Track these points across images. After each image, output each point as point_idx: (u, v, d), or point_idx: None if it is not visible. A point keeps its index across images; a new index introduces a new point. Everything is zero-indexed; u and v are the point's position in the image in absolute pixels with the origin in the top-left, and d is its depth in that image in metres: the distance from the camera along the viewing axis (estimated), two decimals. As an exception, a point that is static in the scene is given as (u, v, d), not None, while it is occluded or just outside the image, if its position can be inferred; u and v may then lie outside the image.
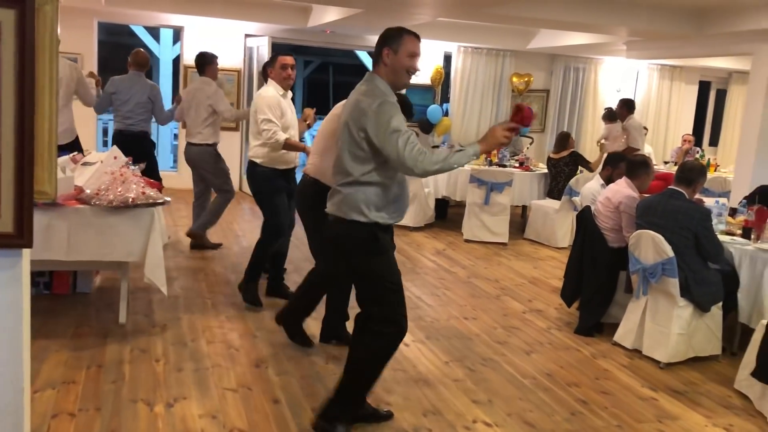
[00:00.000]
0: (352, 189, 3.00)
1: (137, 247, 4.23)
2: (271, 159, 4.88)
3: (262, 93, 4.87)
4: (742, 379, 4.06)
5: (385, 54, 3.01)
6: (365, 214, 2.99)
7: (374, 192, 3.00)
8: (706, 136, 13.00)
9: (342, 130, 3.05)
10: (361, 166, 2.98)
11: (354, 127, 2.97)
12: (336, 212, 3.07)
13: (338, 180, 3.08)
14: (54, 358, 3.85)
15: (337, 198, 3.06)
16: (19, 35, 2.01)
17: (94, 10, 9.24)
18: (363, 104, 2.95)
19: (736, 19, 7.39)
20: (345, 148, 3.02)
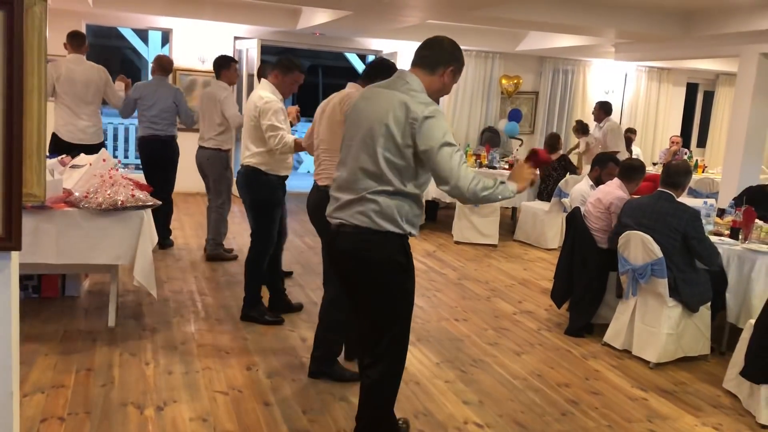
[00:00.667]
0: (390, 199, 2.71)
1: (127, 250, 4.21)
2: (276, 165, 4.59)
3: (264, 96, 4.49)
4: (730, 379, 4.09)
5: (449, 71, 2.80)
6: (400, 226, 2.74)
7: (410, 203, 2.76)
8: (694, 137, 13.10)
9: (377, 130, 2.69)
10: (400, 175, 2.70)
11: (398, 132, 2.65)
12: (363, 223, 2.73)
13: (368, 187, 2.72)
14: (43, 362, 3.82)
15: (368, 207, 2.72)
16: (7, 36, 2.00)
17: (82, 12, 9.20)
18: (413, 107, 2.64)
19: (723, 21, 7.46)
20: (381, 154, 2.68)
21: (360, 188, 2.73)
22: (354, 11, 7.54)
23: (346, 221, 2.77)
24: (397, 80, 2.79)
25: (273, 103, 4.45)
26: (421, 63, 2.81)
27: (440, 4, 7.01)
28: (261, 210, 4.62)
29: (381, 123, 2.68)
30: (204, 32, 9.92)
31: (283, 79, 4.58)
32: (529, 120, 11.65)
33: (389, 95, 2.72)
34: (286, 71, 4.58)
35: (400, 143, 2.65)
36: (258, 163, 4.55)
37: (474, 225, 7.92)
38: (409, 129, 2.63)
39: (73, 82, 6.09)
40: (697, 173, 10.13)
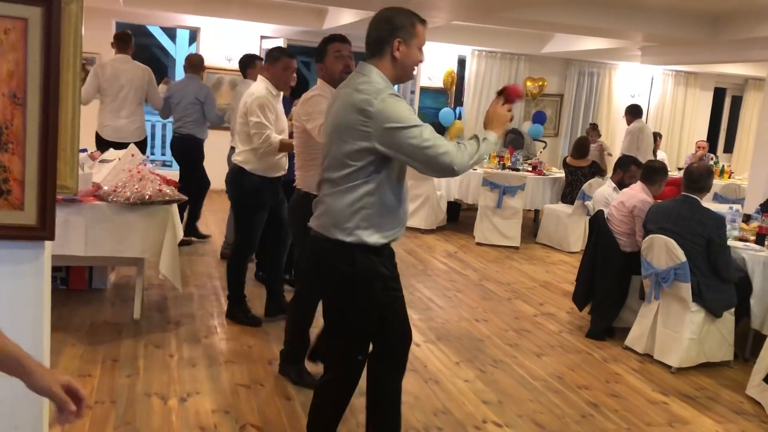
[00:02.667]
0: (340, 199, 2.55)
1: (153, 244, 4.28)
2: (262, 165, 4.38)
3: (254, 92, 4.30)
4: (754, 385, 4.06)
5: (396, 45, 2.47)
6: (351, 232, 2.53)
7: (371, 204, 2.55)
8: (721, 142, 12.95)
9: (334, 135, 2.52)
10: (353, 176, 2.52)
11: (350, 136, 2.47)
12: (318, 228, 2.59)
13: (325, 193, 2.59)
14: (70, 352, 3.91)
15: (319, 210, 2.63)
16: (45, 32, 2.06)
17: (113, 11, 9.34)
18: (362, 104, 2.41)
19: (752, 25, 7.37)
20: (339, 158, 2.52)
21: (322, 193, 2.60)
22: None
23: (313, 228, 2.61)
24: (354, 75, 2.56)
25: (261, 99, 4.24)
26: (368, 52, 2.54)
27: (465, 5, 7.02)
28: (242, 210, 4.51)
29: (336, 127, 2.49)
30: (231, 31, 10.01)
31: (272, 70, 4.34)
32: (553, 122, 11.60)
33: (344, 95, 2.51)
34: (273, 60, 4.34)
35: (354, 142, 2.43)
36: (243, 161, 4.40)
37: (496, 227, 7.91)
38: (360, 131, 2.40)
39: (116, 81, 6.22)
40: (723, 179, 10.01)
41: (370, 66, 2.50)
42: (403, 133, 2.35)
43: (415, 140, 2.35)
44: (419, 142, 2.36)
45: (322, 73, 3.64)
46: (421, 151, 2.36)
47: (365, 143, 2.39)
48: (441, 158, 2.37)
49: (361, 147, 2.40)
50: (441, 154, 2.36)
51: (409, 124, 2.36)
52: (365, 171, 2.44)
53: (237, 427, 3.25)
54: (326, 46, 3.59)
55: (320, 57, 3.63)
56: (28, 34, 2.05)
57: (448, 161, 2.37)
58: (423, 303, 5.49)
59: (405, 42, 2.48)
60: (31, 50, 2.06)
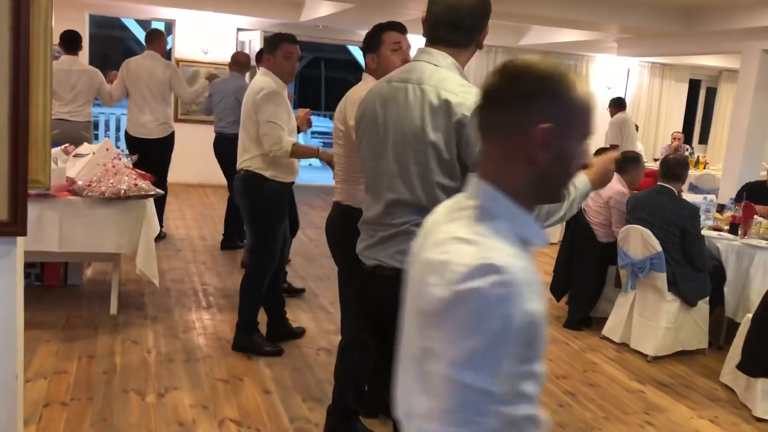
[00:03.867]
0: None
1: (129, 239, 4.25)
2: (281, 170, 3.84)
3: (262, 86, 3.75)
4: (727, 372, 4.12)
5: (483, 34, 2.08)
6: None
7: None
8: (696, 133, 13.10)
9: (409, 144, 1.98)
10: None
11: (442, 141, 1.93)
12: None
13: (410, 220, 1.99)
14: (45, 349, 3.86)
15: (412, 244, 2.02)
16: (14, 25, 2.02)
17: (86, 3, 9.20)
18: (453, 99, 1.92)
19: (726, 18, 7.46)
20: (422, 176, 1.98)
21: (398, 221, 2.02)
22: (357, 3, 7.55)
23: (384, 263, 2.05)
24: (419, 65, 2.02)
25: (272, 95, 3.71)
26: (446, 36, 2.01)
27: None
28: (262, 223, 3.91)
29: (413, 133, 1.96)
30: (207, 23, 9.92)
31: (274, 58, 3.84)
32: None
33: (415, 91, 1.97)
34: (273, 48, 3.84)
35: (446, 158, 1.92)
36: (260, 167, 3.81)
37: (475, 218, 7.92)
38: (454, 134, 1.91)
39: (139, 78, 6.18)
40: (698, 169, 10.14)
41: (442, 53, 2.01)
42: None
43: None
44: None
45: (375, 66, 3.05)
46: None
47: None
48: None
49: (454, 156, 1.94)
50: None
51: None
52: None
53: (216, 421, 3.24)
54: (382, 34, 3.02)
55: (372, 46, 3.04)
56: (-4, 26, 2.01)
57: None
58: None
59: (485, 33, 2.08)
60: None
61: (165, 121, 6.35)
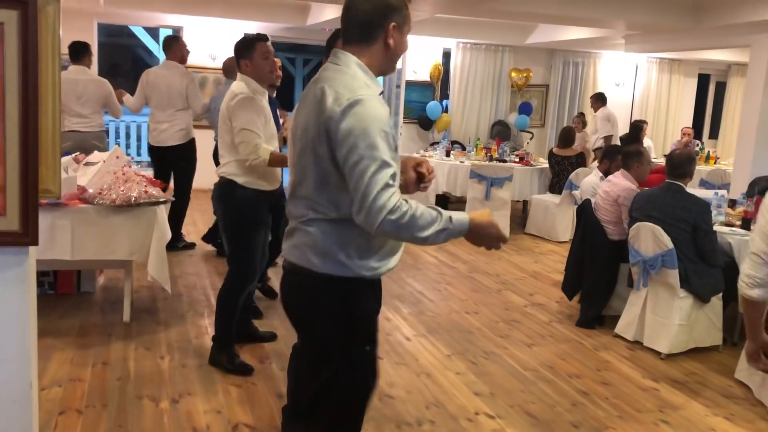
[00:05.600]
0: (329, 228, 2.00)
1: (140, 246, 4.27)
2: (255, 177, 3.68)
3: (235, 91, 3.61)
4: (742, 369, 4.09)
5: (392, 28, 2.01)
6: (346, 265, 2.01)
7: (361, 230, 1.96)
8: (706, 128, 13.02)
9: (302, 139, 2.04)
10: (339, 199, 1.98)
11: (317, 138, 1.95)
12: (299, 260, 2.07)
13: (301, 215, 2.06)
14: (60, 357, 3.89)
15: (300, 240, 2.06)
16: (22, 36, 2.04)
17: (94, 12, 9.27)
18: (328, 100, 1.92)
19: (734, 11, 7.40)
20: (310, 171, 2.02)
21: (294, 215, 2.08)
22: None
23: (287, 257, 2.13)
24: (325, 66, 2.07)
25: (245, 100, 3.56)
26: (350, 35, 2.04)
27: (449, -2, 7.01)
28: (236, 231, 3.75)
29: (303, 129, 2.01)
30: (214, 30, 9.96)
31: (250, 61, 3.65)
32: (539, 113, 11.63)
33: (312, 90, 2.02)
34: (248, 50, 3.65)
35: (322, 154, 1.94)
36: (232, 173, 3.68)
37: (485, 218, 7.91)
38: (324, 133, 1.92)
39: (156, 88, 6.22)
40: (709, 164, 10.08)
41: (345, 54, 2.03)
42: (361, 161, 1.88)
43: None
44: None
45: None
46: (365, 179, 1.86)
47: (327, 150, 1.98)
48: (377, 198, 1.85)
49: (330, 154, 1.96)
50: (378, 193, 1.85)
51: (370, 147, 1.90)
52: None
53: (230, 426, 3.25)
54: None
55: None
56: (5, 39, 2.03)
57: (382, 205, 1.84)
58: (413, 296, 5.50)
59: (400, 26, 2.04)
60: (8, 54, 2.04)
61: (183, 127, 6.30)
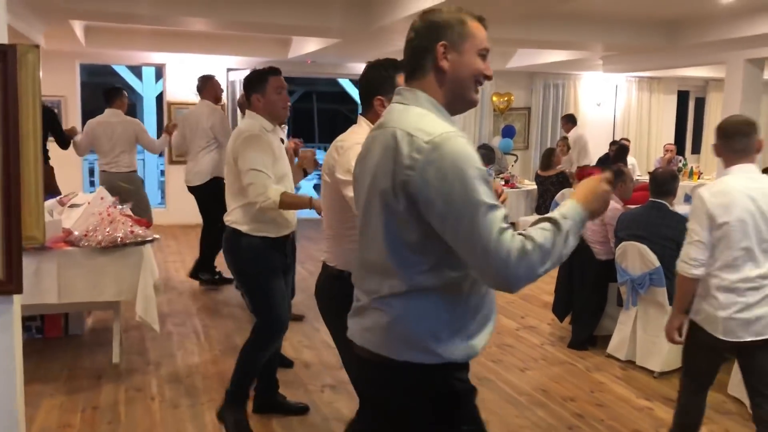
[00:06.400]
0: (405, 303, 1.65)
1: (128, 286, 4.25)
2: (261, 223, 3.35)
3: (242, 129, 3.37)
4: (735, 384, 4.09)
5: (441, 51, 1.69)
6: (430, 349, 1.65)
7: (445, 303, 1.66)
8: (688, 144, 13.18)
9: (372, 194, 1.68)
10: (416, 261, 1.64)
11: (391, 191, 1.61)
12: (373, 346, 1.72)
13: (373, 290, 1.71)
14: (49, 403, 3.84)
15: (374, 320, 1.71)
16: (2, 83, 2.05)
17: (76, 53, 9.31)
18: (403, 145, 1.59)
19: (707, 30, 7.56)
20: (383, 232, 1.66)
21: (365, 289, 1.75)
22: (342, 39, 7.65)
23: (356, 341, 1.78)
24: (390, 107, 1.77)
25: (252, 138, 3.27)
26: (407, 68, 1.78)
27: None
28: (249, 283, 3.45)
29: (371, 185, 1.68)
30: (197, 66, 10.00)
31: (263, 96, 3.36)
32: (522, 136, 11.73)
33: (381, 135, 1.69)
34: (261, 85, 3.37)
35: (398, 209, 1.60)
36: (236, 221, 3.37)
37: (473, 243, 7.93)
38: (401, 186, 1.58)
39: (187, 128, 6.27)
40: (693, 180, 10.18)
41: (411, 90, 1.73)
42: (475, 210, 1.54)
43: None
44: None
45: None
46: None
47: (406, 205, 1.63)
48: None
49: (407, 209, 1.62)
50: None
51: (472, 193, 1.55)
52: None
53: (223, 466, 3.20)
54: (395, 75, 2.54)
55: (379, 87, 2.58)
56: (-15, 88, 2.04)
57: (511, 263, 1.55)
58: (405, 325, 5.48)
59: (453, 47, 1.70)
60: (-12, 103, 2.04)
61: (202, 168, 6.25)
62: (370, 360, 1.72)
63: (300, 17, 6.65)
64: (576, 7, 6.92)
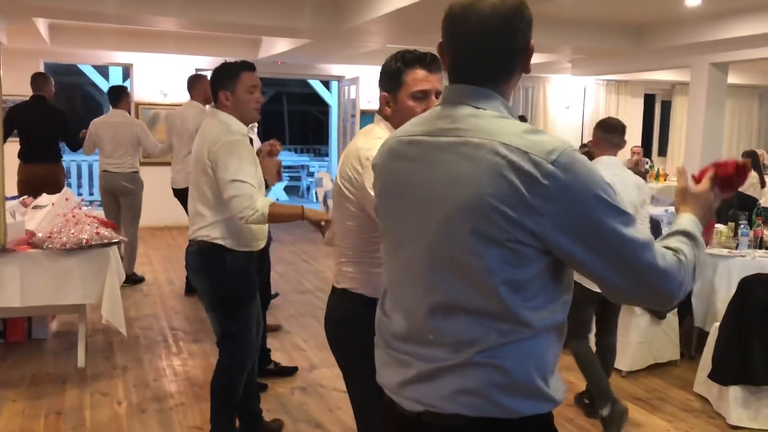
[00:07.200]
0: (524, 348, 1.35)
1: (94, 289, 4.17)
2: (245, 237, 3.02)
3: (217, 134, 2.93)
4: (700, 382, 4.16)
5: (530, 50, 1.51)
6: (545, 394, 1.38)
7: (549, 342, 1.39)
8: (655, 146, 13.39)
9: (467, 225, 1.32)
10: (528, 298, 1.34)
11: (514, 214, 1.29)
12: (479, 411, 1.36)
13: (475, 339, 1.35)
14: (10, 409, 3.75)
15: (483, 380, 1.35)
16: (-40, 83, 2.00)
17: (40, 51, 9.14)
18: (523, 156, 1.29)
19: (673, 34, 7.69)
20: (491, 269, 1.31)
21: (455, 343, 1.36)
22: (313, 39, 7.62)
23: (440, 409, 1.39)
24: (456, 111, 1.41)
25: (235, 146, 2.89)
26: (486, 73, 1.43)
27: (397, 29, 7.11)
28: (228, 307, 3.05)
29: (473, 206, 1.31)
30: (165, 66, 9.91)
31: (232, 94, 2.98)
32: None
33: (462, 147, 1.35)
34: (232, 81, 2.97)
35: (522, 239, 1.29)
36: (218, 237, 2.97)
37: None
38: (544, 201, 1.27)
39: (174, 130, 6.15)
40: (659, 182, 10.34)
41: (488, 91, 1.42)
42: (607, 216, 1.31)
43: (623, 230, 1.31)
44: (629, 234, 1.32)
45: (394, 109, 2.22)
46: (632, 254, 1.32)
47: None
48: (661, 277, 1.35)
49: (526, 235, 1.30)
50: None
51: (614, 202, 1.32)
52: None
53: (191, 471, 3.16)
54: (404, 69, 2.16)
55: (393, 84, 2.19)
56: (-58, 86, 1.99)
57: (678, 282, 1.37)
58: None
59: (532, 48, 1.51)
60: (-55, 102, 1.99)
61: (189, 171, 6.11)
62: (467, 428, 1.38)
63: (270, 17, 6.61)
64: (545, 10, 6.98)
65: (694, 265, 1.41)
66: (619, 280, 1.33)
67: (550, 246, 1.30)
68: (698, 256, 1.44)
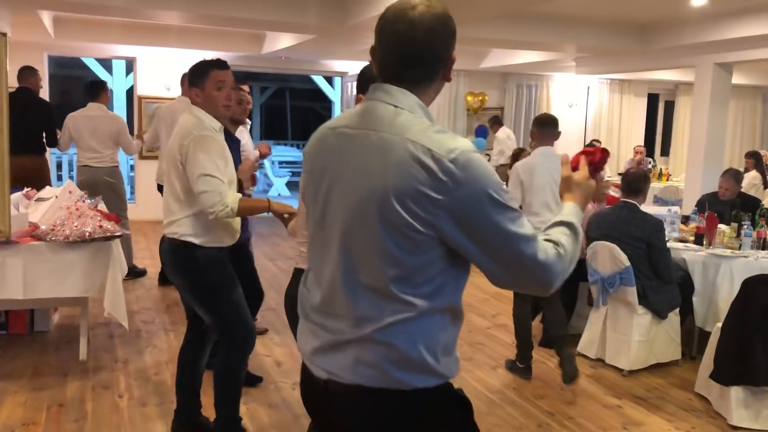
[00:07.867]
0: (414, 326, 1.48)
1: (96, 282, 4.17)
2: (214, 234, 3.04)
3: (189, 128, 2.97)
4: (701, 382, 4.16)
5: (450, 62, 1.57)
6: (434, 370, 1.51)
7: (442, 320, 1.54)
8: (658, 146, 13.38)
9: (373, 208, 1.45)
10: (424, 282, 1.49)
11: (416, 206, 1.42)
12: (374, 381, 1.50)
13: (373, 316, 1.49)
14: (12, 400, 3.76)
15: (378, 354, 1.49)
16: (-34, 74, 2.00)
17: (44, 44, 9.14)
18: (435, 149, 1.41)
19: (678, 34, 7.67)
20: (391, 253, 1.45)
21: (356, 318, 1.51)
22: (317, 35, 7.61)
23: (340, 378, 1.54)
24: (376, 107, 1.53)
25: (204, 141, 2.92)
26: (408, 75, 1.53)
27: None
28: (209, 296, 3.10)
29: (379, 194, 1.44)
30: (168, 60, 9.90)
31: (201, 91, 3.02)
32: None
33: (376, 140, 1.48)
34: (201, 79, 3.02)
35: (419, 227, 1.42)
36: (188, 233, 3.00)
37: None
38: (421, 202, 1.41)
39: (160, 124, 6.08)
40: (662, 182, 10.34)
41: (405, 92, 1.52)
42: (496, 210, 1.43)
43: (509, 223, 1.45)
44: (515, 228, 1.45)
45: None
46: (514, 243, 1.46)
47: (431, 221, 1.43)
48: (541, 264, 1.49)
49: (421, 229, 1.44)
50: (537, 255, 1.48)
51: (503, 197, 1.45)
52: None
53: (192, 465, 3.17)
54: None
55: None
56: (-52, 77, 1.99)
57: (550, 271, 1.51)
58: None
59: (453, 60, 1.59)
60: (-48, 93, 1.99)
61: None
62: (362, 400, 1.52)
63: (275, 12, 6.60)
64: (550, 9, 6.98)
65: (571, 256, 1.56)
66: (502, 270, 1.51)
67: (443, 236, 1.44)
68: (576, 245, 1.59)
